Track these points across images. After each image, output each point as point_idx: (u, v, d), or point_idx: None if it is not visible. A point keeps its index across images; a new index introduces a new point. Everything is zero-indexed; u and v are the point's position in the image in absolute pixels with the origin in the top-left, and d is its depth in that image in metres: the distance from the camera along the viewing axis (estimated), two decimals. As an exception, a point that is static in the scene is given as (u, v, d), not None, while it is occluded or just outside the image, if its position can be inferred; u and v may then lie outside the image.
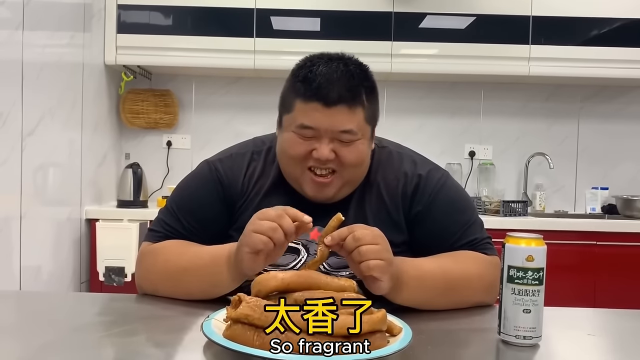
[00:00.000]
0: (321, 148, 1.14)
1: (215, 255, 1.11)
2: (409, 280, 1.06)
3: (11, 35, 2.18)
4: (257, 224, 0.99)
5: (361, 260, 0.97)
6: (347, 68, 1.15)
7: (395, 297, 1.05)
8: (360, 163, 1.18)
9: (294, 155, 1.16)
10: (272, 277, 0.86)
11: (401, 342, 0.82)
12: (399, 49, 3.08)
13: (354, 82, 1.14)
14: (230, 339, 0.80)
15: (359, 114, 1.15)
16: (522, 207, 3.08)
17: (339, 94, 1.12)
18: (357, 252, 0.97)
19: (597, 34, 3.10)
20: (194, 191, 1.27)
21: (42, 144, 2.41)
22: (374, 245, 0.98)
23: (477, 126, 3.50)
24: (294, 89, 1.16)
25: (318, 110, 1.13)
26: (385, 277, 0.99)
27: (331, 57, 1.18)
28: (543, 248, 0.92)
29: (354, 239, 0.98)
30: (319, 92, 1.12)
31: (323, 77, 1.12)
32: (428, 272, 1.11)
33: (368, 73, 1.19)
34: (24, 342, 0.92)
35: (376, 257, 0.97)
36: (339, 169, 1.16)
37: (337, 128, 1.13)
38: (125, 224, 2.79)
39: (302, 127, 1.15)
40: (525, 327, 0.91)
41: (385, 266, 0.98)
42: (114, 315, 1.11)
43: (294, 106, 1.16)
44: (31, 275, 2.35)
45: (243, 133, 3.39)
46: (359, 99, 1.15)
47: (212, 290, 1.11)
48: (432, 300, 1.12)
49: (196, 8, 3.07)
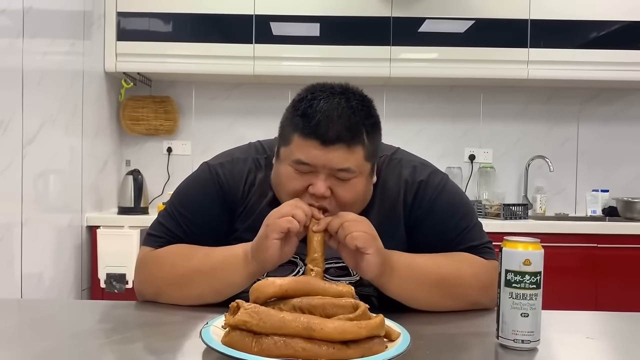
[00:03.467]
0: (317, 184, 1.11)
1: (228, 254, 1.13)
2: (399, 267, 1.09)
3: (12, 43, 2.19)
4: (275, 213, 1.06)
5: (345, 235, 1.02)
6: (348, 104, 1.11)
7: (386, 284, 1.08)
8: (355, 201, 1.16)
9: (290, 190, 1.15)
10: (270, 283, 0.87)
11: (399, 347, 0.83)
12: (398, 54, 3.09)
13: (354, 120, 1.10)
14: (228, 346, 0.80)
15: (358, 152, 1.11)
16: (523, 210, 3.08)
17: (338, 133, 1.08)
18: (341, 228, 1.03)
19: (595, 37, 3.11)
20: (195, 196, 1.26)
21: (43, 151, 2.42)
22: (358, 221, 1.05)
23: (477, 130, 3.51)
24: (293, 123, 1.12)
25: (316, 147, 1.09)
26: (371, 250, 1.03)
27: (333, 91, 1.13)
28: (540, 252, 0.92)
29: (339, 218, 1.06)
30: (317, 130, 1.08)
31: (323, 115, 1.08)
32: (420, 263, 1.14)
33: (371, 109, 1.15)
34: (24, 349, 0.93)
35: (360, 229, 1.03)
36: (332, 209, 1.13)
37: (334, 166, 1.10)
38: (126, 230, 2.80)
39: (298, 163, 1.12)
40: (523, 331, 0.91)
41: (369, 238, 1.03)
42: (114, 322, 1.12)
43: (292, 140, 1.12)
44: (32, 282, 2.36)
45: (243, 139, 3.37)
46: (358, 138, 1.10)
47: (225, 290, 1.12)
48: (425, 294, 1.12)
49: (195, 15, 3.08)
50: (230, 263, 1.11)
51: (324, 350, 0.78)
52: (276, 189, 1.21)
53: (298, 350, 0.78)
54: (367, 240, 1.02)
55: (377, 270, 1.04)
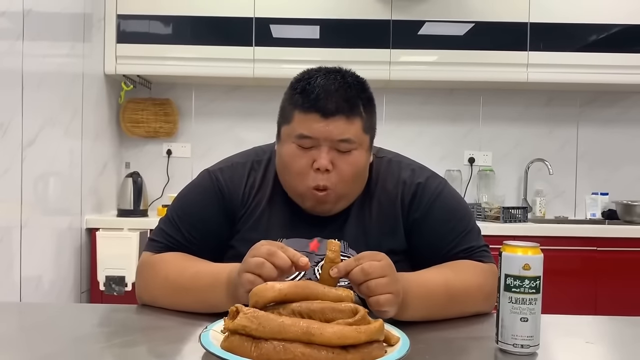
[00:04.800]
0: (320, 157, 1.14)
1: (215, 277, 1.10)
2: (413, 300, 1.05)
3: (12, 45, 2.20)
4: (246, 263, 0.98)
5: (370, 295, 0.96)
6: (344, 80, 1.17)
7: (399, 317, 1.04)
8: (356, 176, 1.18)
9: (295, 170, 1.17)
10: (270, 287, 0.86)
11: (399, 352, 0.83)
12: (397, 57, 3.09)
13: (351, 93, 1.16)
14: (227, 350, 0.80)
15: (357, 124, 1.16)
16: (522, 213, 3.08)
17: (337, 104, 1.14)
18: (365, 286, 0.96)
19: (595, 40, 3.11)
20: (195, 201, 1.27)
21: (43, 154, 2.42)
22: (383, 278, 0.96)
23: (477, 132, 3.51)
24: (293, 101, 1.18)
25: (316, 120, 1.14)
26: (393, 309, 0.99)
27: (329, 70, 1.19)
28: (540, 256, 0.92)
29: (362, 272, 0.96)
30: (317, 103, 1.14)
31: (321, 89, 1.14)
32: (432, 290, 1.10)
33: (365, 85, 1.21)
34: (24, 353, 0.93)
35: (385, 291, 0.96)
36: (334, 185, 1.15)
37: (335, 137, 1.14)
38: (126, 233, 2.80)
39: (300, 137, 1.15)
40: (522, 336, 0.91)
41: (394, 299, 0.98)
42: (115, 326, 1.12)
43: (293, 117, 1.17)
44: (32, 285, 2.36)
45: (243, 141, 3.42)
46: (356, 110, 1.16)
47: (210, 309, 1.10)
48: (433, 314, 1.11)
49: (195, 17, 3.09)
50: (215, 287, 1.08)
51: (324, 355, 0.78)
52: (281, 172, 1.22)
53: (297, 355, 0.77)
54: (392, 303, 0.98)
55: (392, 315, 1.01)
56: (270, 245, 0.98)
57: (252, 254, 0.99)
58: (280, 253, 0.97)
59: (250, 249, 1.01)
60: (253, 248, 1.00)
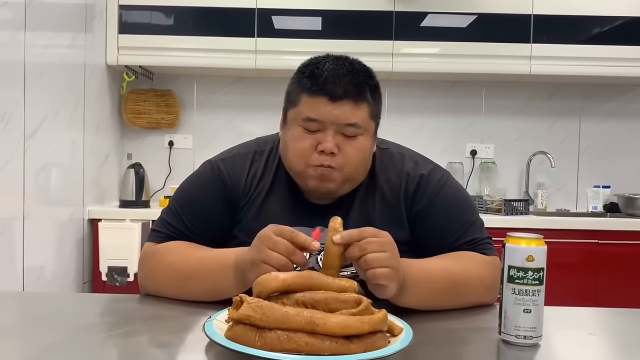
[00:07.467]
0: (326, 140, 1.14)
1: (222, 261, 1.10)
2: (413, 285, 1.05)
3: (13, 36, 2.19)
4: (267, 255, 0.97)
5: (367, 268, 0.96)
6: (352, 66, 1.18)
7: (398, 300, 1.05)
8: (361, 161, 1.18)
9: (299, 149, 1.16)
10: (274, 277, 0.86)
11: (402, 342, 0.83)
12: (400, 48, 3.08)
13: (359, 79, 1.17)
14: (232, 340, 0.80)
15: (364, 109, 1.17)
16: (524, 205, 3.08)
17: (345, 89, 1.14)
18: (363, 260, 0.96)
19: (598, 32, 3.10)
20: (197, 192, 1.27)
21: (45, 145, 2.42)
22: (381, 252, 0.96)
23: (479, 125, 3.50)
24: (301, 84, 1.18)
25: (324, 103, 1.14)
26: (392, 284, 0.98)
27: (337, 57, 1.21)
28: (543, 248, 0.92)
29: (359, 249, 0.96)
30: (325, 87, 1.14)
31: (330, 73, 1.15)
32: (432, 275, 1.11)
33: (372, 73, 1.22)
34: (27, 343, 0.93)
35: (383, 264, 0.96)
36: (339, 167, 1.16)
37: (342, 121, 1.14)
38: (128, 223, 2.80)
39: (307, 120, 1.16)
40: (525, 327, 0.92)
41: (392, 274, 0.97)
42: (117, 315, 1.12)
43: (300, 100, 1.17)
44: (34, 276, 2.36)
45: (245, 132, 3.41)
46: (364, 95, 1.17)
47: (217, 295, 1.11)
48: (434, 302, 1.12)
49: (197, 8, 3.07)
50: (223, 271, 1.09)
51: (327, 345, 0.78)
52: (284, 154, 1.22)
53: (301, 344, 0.78)
54: (390, 277, 0.97)
55: (392, 295, 1.01)
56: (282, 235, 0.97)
57: (270, 245, 0.97)
58: (299, 253, 0.97)
59: (262, 234, 0.99)
60: (268, 239, 0.98)
